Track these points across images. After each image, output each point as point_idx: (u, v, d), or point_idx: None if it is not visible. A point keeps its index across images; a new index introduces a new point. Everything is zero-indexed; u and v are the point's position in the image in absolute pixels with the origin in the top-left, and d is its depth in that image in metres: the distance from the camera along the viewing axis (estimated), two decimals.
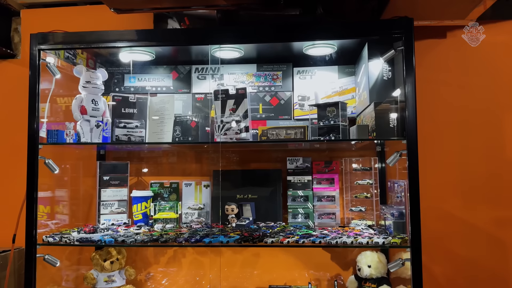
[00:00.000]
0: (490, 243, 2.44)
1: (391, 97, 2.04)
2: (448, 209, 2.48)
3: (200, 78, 2.58)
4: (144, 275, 2.67)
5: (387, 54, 1.99)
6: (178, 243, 2.04)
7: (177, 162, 2.71)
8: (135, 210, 2.50)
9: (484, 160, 2.47)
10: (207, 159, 2.66)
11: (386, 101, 2.00)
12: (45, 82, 2.18)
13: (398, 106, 1.95)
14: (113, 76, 2.60)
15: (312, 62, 2.46)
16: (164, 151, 2.71)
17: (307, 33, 2.02)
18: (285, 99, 2.51)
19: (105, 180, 2.55)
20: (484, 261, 2.43)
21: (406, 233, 2.01)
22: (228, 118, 2.16)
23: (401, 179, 2.20)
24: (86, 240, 2.10)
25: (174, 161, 2.71)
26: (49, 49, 2.12)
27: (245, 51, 2.31)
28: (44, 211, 2.48)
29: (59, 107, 2.58)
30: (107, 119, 2.27)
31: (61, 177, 2.57)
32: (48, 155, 2.14)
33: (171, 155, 2.71)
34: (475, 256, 2.44)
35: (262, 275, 2.61)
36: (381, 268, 2.34)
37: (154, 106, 2.37)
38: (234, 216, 2.42)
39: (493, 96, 2.49)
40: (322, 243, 1.99)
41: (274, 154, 2.63)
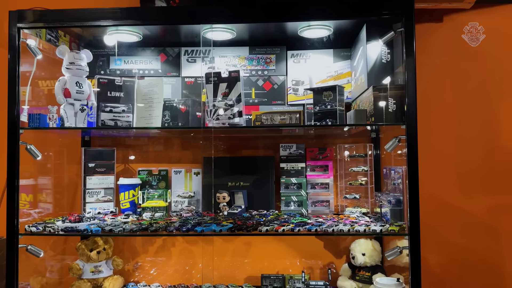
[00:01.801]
0: (485, 231, 2.42)
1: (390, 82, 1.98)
2: (443, 196, 2.45)
3: (190, 61, 2.48)
4: (132, 265, 2.59)
5: (386, 36, 1.92)
6: (169, 232, 1.96)
7: (166, 148, 2.62)
8: (123, 198, 2.41)
9: (479, 147, 2.45)
10: (198, 146, 2.57)
11: (385, 85, 1.93)
12: (25, 65, 2.06)
13: (398, 91, 1.89)
14: (97, 58, 2.47)
15: (307, 45, 2.37)
16: (152, 137, 2.61)
17: (303, 12, 1.92)
18: (278, 84, 2.43)
19: (90, 167, 2.44)
20: (479, 249, 2.42)
21: (403, 221, 1.96)
22: (220, 102, 2.07)
23: (396, 165, 2.16)
24: (71, 230, 2.00)
25: (162, 147, 2.62)
26: (29, 27, 2.00)
27: (237, 32, 2.21)
28: (26, 199, 2.36)
29: (41, 91, 2.45)
30: (92, 103, 2.16)
31: (44, 164, 2.45)
32: (30, 141, 2.03)
33: (160, 141, 2.62)
34: (470, 244, 2.43)
35: (254, 264, 2.56)
36: (376, 256, 2.31)
37: (142, 89, 2.26)
38: (226, 204, 2.35)
39: (489, 83, 2.45)
40: (318, 231, 1.94)
41: (267, 141, 2.56)
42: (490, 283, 2.42)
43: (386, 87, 1.93)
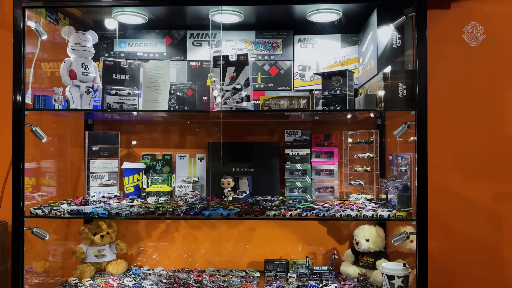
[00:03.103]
0: (488, 218, 2.44)
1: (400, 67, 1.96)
2: (447, 183, 2.46)
3: (195, 44, 2.45)
4: (135, 249, 2.58)
5: (397, 20, 1.90)
6: (176, 215, 1.95)
7: (170, 133, 2.60)
8: (127, 182, 2.39)
9: (484, 134, 2.45)
10: (203, 131, 2.56)
11: (396, 71, 1.92)
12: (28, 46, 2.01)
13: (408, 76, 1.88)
14: (101, 41, 2.43)
15: (314, 29, 2.35)
16: (156, 122, 2.59)
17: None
18: (285, 69, 2.41)
19: (94, 151, 2.42)
20: (482, 236, 2.43)
21: (410, 207, 1.97)
22: (228, 86, 2.04)
23: (403, 152, 2.16)
24: (77, 213, 1.98)
25: (167, 132, 2.60)
26: (34, 6, 1.95)
27: (245, 15, 2.19)
28: (29, 183, 2.33)
29: (44, 73, 2.41)
30: (98, 85, 2.13)
31: (47, 147, 2.42)
32: (33, 123, 1.99)
33: (164, 126, 2.59)
34: (473, 231, 2.44)
35: (257, 249, 2.56)
36: (379, 242, 2.32)
37: (148, 72, 2.23)
38: (230, 190, 2.34)
39: (495, 70, 2.44)
40: (326, 216, 1.94)
41: (272, 127, 2.55)
42: (492, 271, 2.45)
43: (396, 73, 1.91)
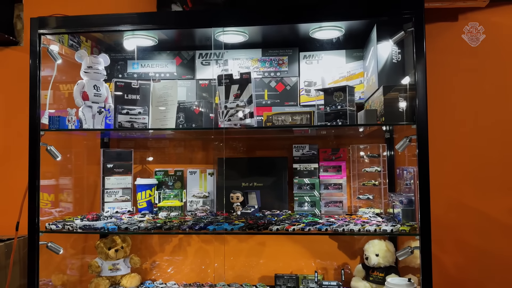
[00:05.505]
0: (505, 233, 2.37)
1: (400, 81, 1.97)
2: (459, 197, 2.41)
3: (204, 63, 2.53)
4: (149, 263, 2.65)
5: (396, 35, 1.91)
6: (182, 230, 2.01)
7: (181, 150, 2.68)
8: (140, 198, 2.47)
9: (497, 146, 2.40)
10: (212, 147, 2.62)
11: (396, 85, 1.93)
12: (48, 69, 2.15)
13: (408, 90, 1.88)
14: (116, 62, 2.56)
15: (319, 46, 2.38)
16: (168, 139, 2.68)
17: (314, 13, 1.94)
18: (291, 85, 2.45)
19: (109, 168, 2.52)
20: (499, 251, 2.36)
21: (415, 221, 1.95)
22: (232, 103, 2.10)
23: (410, 165, 2.14)
24: (89, 228, 2.07)
25: (178, 149, 2.68)
26: (49, 33, 2.08)
27: (249, 35, 2.25)
28: (48, 199, 2.46)
29: (62, 94, 2.55)
30: (110, 105, 2.23)
31: (65, 165, 2.54)
32: (51, 142, 2.11)
33: (176, 143, 2.68)
34: (489, 246, 2.37)
35: (268, 264, 2.58)
36: (389, 257, 2.29)
37: (157, 92, 2.32)
38: (239, 204, 2.38)
39: (505, 79, 2.40)
40: (329, 230, 1.94)
41: (279, 142, 2.58)
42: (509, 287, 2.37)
43: (396, 87, 1.92)
